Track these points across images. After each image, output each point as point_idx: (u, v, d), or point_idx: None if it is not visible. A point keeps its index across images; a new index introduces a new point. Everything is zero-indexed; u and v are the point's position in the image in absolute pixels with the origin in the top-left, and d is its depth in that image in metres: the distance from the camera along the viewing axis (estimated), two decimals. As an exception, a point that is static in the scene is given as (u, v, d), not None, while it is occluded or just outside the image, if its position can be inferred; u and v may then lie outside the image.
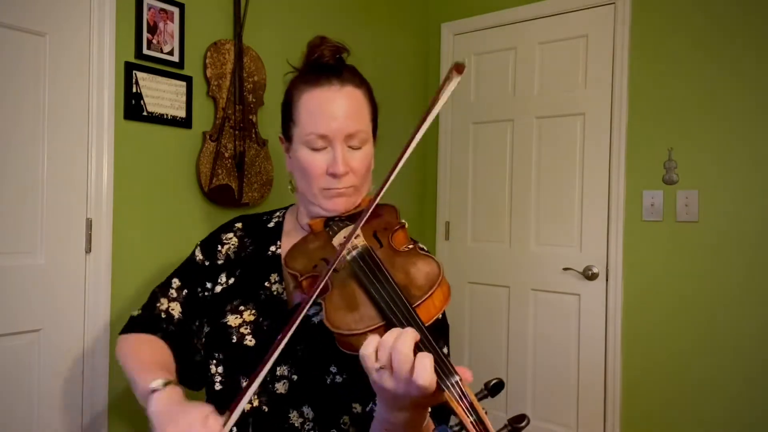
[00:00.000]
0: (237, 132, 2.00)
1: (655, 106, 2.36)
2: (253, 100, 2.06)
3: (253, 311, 0.99)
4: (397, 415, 0.72)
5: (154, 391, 0.84)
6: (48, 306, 1.59)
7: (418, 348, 0.67)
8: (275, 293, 1.00)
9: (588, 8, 2.53)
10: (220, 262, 1.07)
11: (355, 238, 0.86)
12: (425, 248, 1.06)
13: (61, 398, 1.62)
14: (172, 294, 1.07)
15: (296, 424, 0.92)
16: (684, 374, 2.29)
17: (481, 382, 0.99)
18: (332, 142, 0.93)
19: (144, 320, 1.07)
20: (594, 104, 2.51)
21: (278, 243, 1.05)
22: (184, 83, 1.87)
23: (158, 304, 1.07)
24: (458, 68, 0.82)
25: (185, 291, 1.07)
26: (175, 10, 1.84)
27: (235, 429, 0.95)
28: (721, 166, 2.22)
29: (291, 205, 1.13)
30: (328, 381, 0.92)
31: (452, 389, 0.65)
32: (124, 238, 1.74)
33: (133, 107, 1.74)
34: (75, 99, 1.64)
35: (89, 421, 1.67)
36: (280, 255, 1.03)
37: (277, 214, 1.12)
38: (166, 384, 0.85)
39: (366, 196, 1.01)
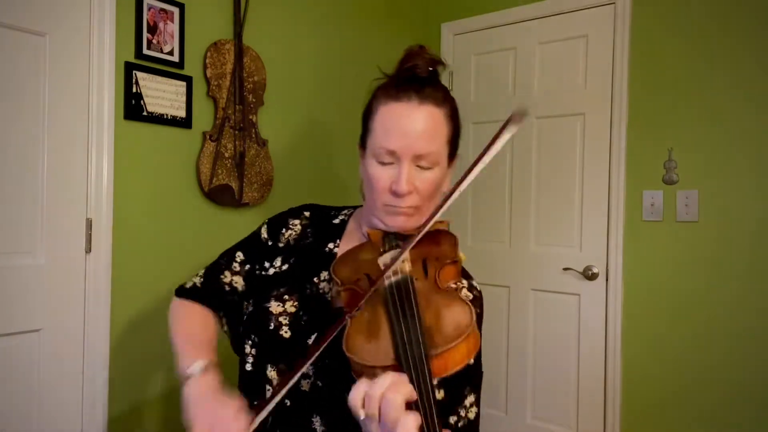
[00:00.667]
0: (237, 132, 2.00)
1: (655, 106, 2.36)
2: (253, 100, 2.06)
3: (296, 303, 0.98)
4: None
5: (189, 377, 0.87)
6: (48, 306, 1.59)
7: (415, 403, 0.66)
8: (321, 291, 1.00)
9: (588, 8, 2.53)
10: (281, 245, 1.07)
11: (403, 261, 0.84)
12: (478, 287, 1.03)
13: (61, 398, 1.62)
14: (235, 267, 1.08)
15: (318, 431, 0.92)
16: (684, 374, 2.28)
17: (482, 382, 0.98)
18: (400, 159, 0.91)
19: (206, 290, 1.09)
20: (594, 104, 2.51)
21: (337, 241, 1.05)
22: (184, 83, 1.87)
23: (222, 276, 1.08)
24: (517, 118, 0.80)
25: (248, 266, 1.08)
26: (175, 10, 1.84)
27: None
28: (721, 166, 2.22)
29: (359, 206, 1.12)
30: (346, 396, 0.92)
31: None
32: (124, 238, 1.74)
33: (133, 107, 1.74)
34: (75, 99, 1.64)
35: (89, 421, 1.67)
36: (335, 254, 1.03)
37: (345, 211, 1.12)
38: (204, 367, 0.88)
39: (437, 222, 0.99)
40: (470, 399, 0.92)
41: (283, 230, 1.09)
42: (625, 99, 2.42)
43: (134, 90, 1.74)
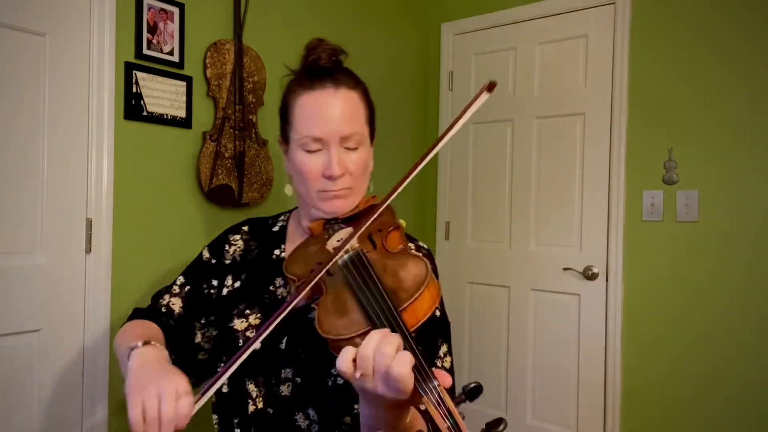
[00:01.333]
0: (237, 132, 2.00)
1: (655, 106, 2.36)
2: (253, 100, 2.06)
3: (259, 315, 0.99)
4: (378, 410, 0.72)
5: (134, 348, 0.83)
6: (48, 306, 1.59)
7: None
8: (280, 297, 1.00)
9: (588, 8, 2.53)
10: (227, 261, 1.08)
11: (348, 236, 0.87)
12: (425, 246, 1.06)
13: (61, 398, 1.62)
14: (174, 290, 1.09)
15: (302, 426, 0.93)
16: (684, 374, 2.28)
17: (481, 382, 0.99)
18: (327, 144, 0.94)
19: (144, 313, 1.09)
20: (594, 104, 2.51)
21: (282, 247, 1.06)
22: (184, 83, 1.87)
23: (160, 300, 1.09)
24: (490, 87, 0.83)
25: (188, 287, 1.08)
26: (175, 10, 1.84)
27: (239, 430, 0.95)
28: (721, 166, 2.22)
29: (295, 208, 1.15)
30: (330, 383, 0.93)
31: (430, 394, 0.65)
32: (124, 238, 1.74)
33: (133, 107, 1.74)
34: (75, 99, 1.64)
35: (89, 421, 1.67)
36: (284, 258, 1.04)
37: (282, 218, 1.13)
38: (147, 343, 0.84)
39: (364, 197, 1.01)
40: (443, 349, 0.95)
41: (226, 246, 1.10)
42: (625, 99, 2.42)
43: (134, 90, 1.74)
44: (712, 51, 2.24)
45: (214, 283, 1.07)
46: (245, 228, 1.12)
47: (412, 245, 1.03)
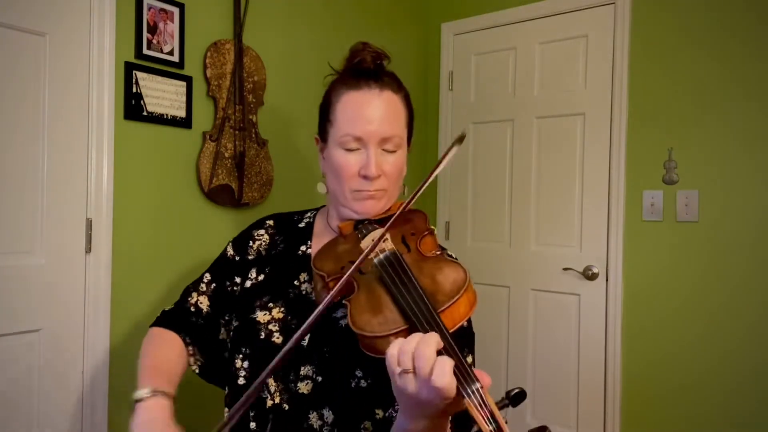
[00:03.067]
0: (237, 132, 2.00)
1: (655, 106, 2.36)
2: (253, 100, 2.06)
3: (282, 309, 0.99)
4: (417, 423, 0.71)
5: (138, 401, 0.86)
6: (48, 306, 1.59)
7: (440, 354, 0.66)
8: (304, 292, 1.01)
9: (588, 8, 2.53)
10: (250, 257, 1.09)
11: (384, 242, 0.86)
12: (453, 255, 1.05)
13: (61, 398, 1.62)
14: (202, 288, 1.10)
15: (315, 426, 0.92)
16: (684, 374, 2.28)
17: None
18: (366, 144, 0.94)
19: (174, 314, 1.10)
20: (594, 104, 2.51)
21: (308, 243, 1.07)
22: (184, 83, 1.87)
23: (189, 298, 1.10)
24: (460, 139, 0.83)
25: (214, 285, 1.09)
26: (175, 10, 1.84)
27: (254, 424, 0.95)
28: (721, 166, 2.22)
29: (321, 206, 1.15)
30: (353, 384, 0.92)
31: (473, 396, 0.64)
32: (124, 238, 1.74)
33: (133, 107, 1.74)
34: (75, 99, 1.64)
35: (89, 421, 1.67)
36: (310, 255, 1.04)
37: (308, 214, 1.13)
38: (151, 393, 0.87)
39: (397, 201, 1.02)
40: (469, 359, 0.96)
41: (250, 242, 1.10)
42: (625, 99, 2.42)
43: (134, 90, 1.74)
44: (712, 51, 2.24)
45: (237, 280, 1.08)
46: (270, 222, 1.13)
47: (449, 255, 1.03)
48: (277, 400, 0.94)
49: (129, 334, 1.76)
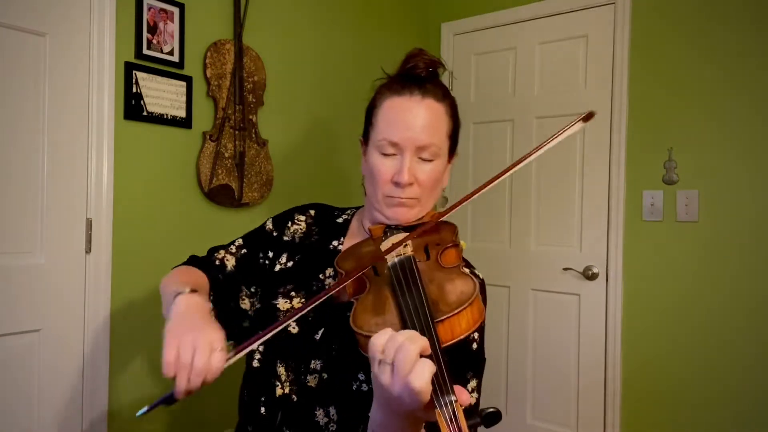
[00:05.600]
0: (237, 132, 2.00)
1: (655, 106, 2.36)
2: (253, 100, 2.06)
3: (303, 300, 1.00)
4: (389, 417, 0.71)
5: (179, 293, 0.85)
6: (48, 306, 1.59)
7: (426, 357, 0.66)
8: (327, 287, 1.01)
9: (588, 8, 2.53)
10: (286, 238, 1.10)
11: (404, 247, 0.86)
12: (480, 274, 1.04)
13: (61, 398, 1.62)
14: (231, 249, 1.11)
15: (321, 423, 0.93)
16: (684, 374, 2.28)
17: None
18: (403, 150, 0.94)
19: (199, 260, 1.11)
20: (594, 104, 2.51)
21: (341, 239, 1.08)
22: (184, 83, 1.87)
23: (216, 254, 1.10)
24: (586, 117, 0.84)
25: (244, 250, 1.10)
26: (175, 10, 1.84)
27: (264, 409, 0.96)
28: (721, 166, 2.22)
29: (362, 206, 1.15)
30: (354, 387, 0.92)
31: (444, 408, 0.63)
32: (124, 238, 1.74)
33: (133, 107, 1.74)
34: (75, 99, 1.64)
35: (89, 421, 1.67)
36: (340, 250, 1.05)
37: (348, 211, 1.15)
38: (192, 291, 0.86)
39: (431, 211, 1.01)
40: (472, 384, 0.93)
41: (289, 224, 1.11)
42: (625, 99, 2.42)
43: (134, 90, 1.74)
44: (712, 51, 2.24)
45: (270, 254, 1.09)
46: (312, 212, 1.14)
47: (467, 270, 1.02)
48: (287, 390, 0.95)
49: (129, 334, 1.76)
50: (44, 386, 1.58)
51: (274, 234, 1.11)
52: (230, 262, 1.09)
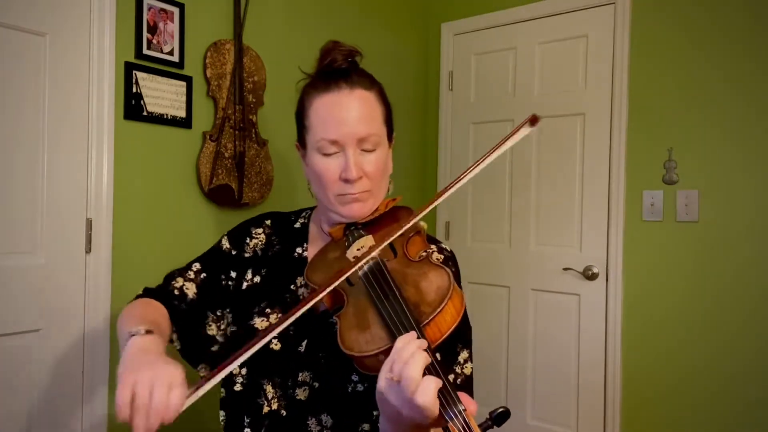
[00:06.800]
0: (237, 132, 2.00)
1: (655, 106, 2.36)
2: (253, 100, 2.06)
3: (280, 315, 0.98)
4: (398, 428, 0.71)
5: (132, 335, 0.80)
6: (48, 306, 1.59)
7: (427, 371, 0.66)
8: (301, 297, 0.99)
9: (588, 8, 2.53)
10: (247, 255, 1.06)
11: (370, 248, 0.85)
12: (447, 248, 1.04)
13: (61, 398, 1.62)
14: (189, 275, 1.05)
15: (314, 431, 0.92)
16: (684, 374, 2.28)
17: (481, 384, 0.99)
18: (344, 146, 0.92)
19: (155, 292, 1.05)
20: (594, 104, 2.51)
21: (304, 245, 1.05)
22: (184, 83, 1.87)
23: (173, 282, 1.04)
24: (533, 120, 0.83)
25: (204, 275, 1.05)
26: (175, 10, 1.84)
27: (248, 431, 0.94)
28: (721, 166, 2.22)
29: (315, 206, 1.12)
30: (350, 389, 0.92)
31: (455, 419, 0.64)
32: (124, 238, 1.74)
33: (133, 107, 1.74)
34: (75, 99, 1.64)
35: (89, 421, 1.67)
36: (306, 258, 1.03)
37: (303, 214, 1.12)
38: (147, 332, 0.81)
39: (384, 199, 1.00)
40: (463, 355, 0.93)
41: (247, 239, 1.07)
42: (625, 99, 2.42)
43: (134, 90, 1.74)
44: (712, 51, 2.24)
45: (233, 274, 1.05)
46: (268, 222, 1.10)
47: (434, 247, 1.01)
48: (274, 407, 0.93)
49: (129, 334, 1.76)
50: (44, 386, 1.58)
51: (233, 253, 1.06)
52: (191, 290, 1.03)
